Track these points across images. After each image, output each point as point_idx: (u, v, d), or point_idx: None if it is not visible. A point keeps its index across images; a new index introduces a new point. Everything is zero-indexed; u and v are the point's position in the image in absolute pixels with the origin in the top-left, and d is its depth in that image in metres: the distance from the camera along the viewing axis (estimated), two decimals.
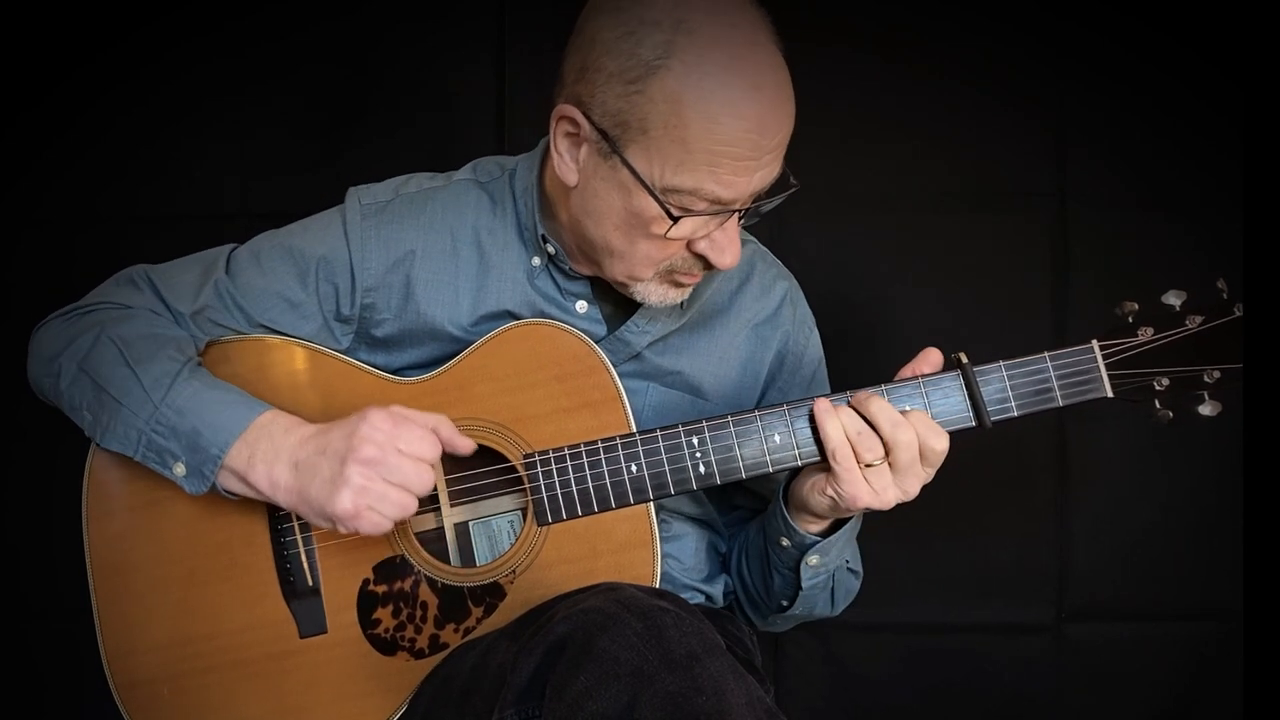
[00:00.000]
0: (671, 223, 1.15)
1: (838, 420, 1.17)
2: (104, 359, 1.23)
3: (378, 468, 1.15)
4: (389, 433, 1.16)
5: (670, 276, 1.24)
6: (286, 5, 1.83)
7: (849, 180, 1.84)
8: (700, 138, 1.11)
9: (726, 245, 1.20)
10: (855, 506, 1.18)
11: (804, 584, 1.31)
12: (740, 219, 1.20)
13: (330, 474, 1.16)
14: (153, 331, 1.26)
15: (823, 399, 1.19)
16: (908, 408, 1.19)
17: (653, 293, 1.25)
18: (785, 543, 1.28)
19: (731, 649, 1.14)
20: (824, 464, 1.20)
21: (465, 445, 1.22)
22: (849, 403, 1.19)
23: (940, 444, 1.17)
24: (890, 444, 1.16)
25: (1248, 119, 1.24)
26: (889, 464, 1.17)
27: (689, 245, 1.20)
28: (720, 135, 1.10)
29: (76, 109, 1.82)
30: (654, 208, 1.15)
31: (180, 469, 1.20)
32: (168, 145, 1.84)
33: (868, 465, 1.16)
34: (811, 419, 1.20)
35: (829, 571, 1.33)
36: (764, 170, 1.15)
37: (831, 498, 1.19)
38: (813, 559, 1.28)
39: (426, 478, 1.17)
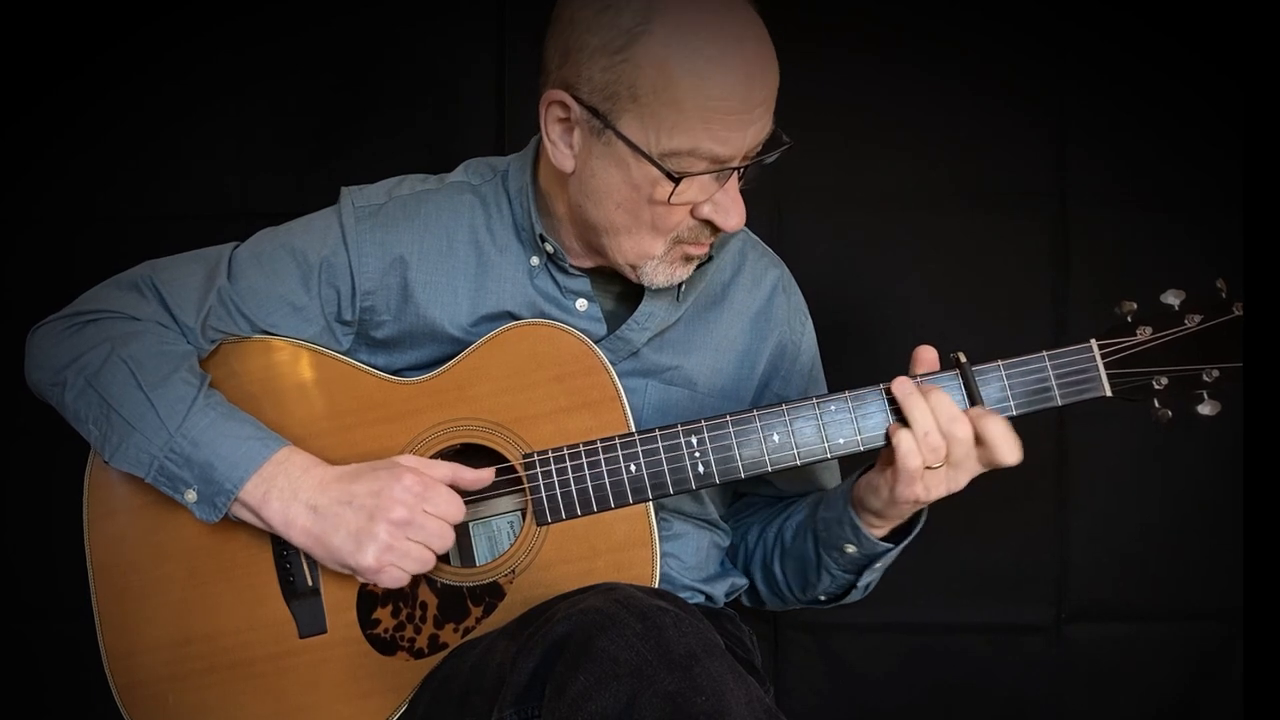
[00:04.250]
0: (673, 185, 1.15)
1: (913, 435, 1.16)
2: (115, 378, 1.23)
3: (406, 528, 1.19)
4: (419, 495, 1.20)
5: (680, 249, 1.24)
6: (286, 5, 1.83)
7: (849, 180, 1.84)
8: (691, 96, 1.11)
9: (730, 206, 1.20)
10: (907, 500, 1.18)
11: (860, 583, 1.33)
12: (740, 177, 1.20)
13: (356, 527, 1.19)
14: (162, 349, 1.27)
15: (902, 390, 1.18)
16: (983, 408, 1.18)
17: (661, 273, 1.25)
18: (852, 549, 1.28)
19: (731, 649, 1.14)
20: (873, 463, 1.23)
21: (485, 477, 1.25)
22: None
23: (1012, 458, 1.16)
24: (946, 437, 1.15)
25: (1248, 119, 1.24)
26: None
27: (693, 212, 1.21)
28: (710, 90, 1.11)
29: (76, 109, 1.82)
30: (654, 174, 1.15)
31: (192, 496, 1.22)
32: (168, 145, 1.83)
33: (928, 467, 1.16)
34: (888, 407, 1.20)
35: (880, 571, 1.34)
36: (757, 125, 1.16)
37: (886, 494, 1.19)
38: (878, 563, 1.30)
39: (449, 538, 1.22)
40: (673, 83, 1.11)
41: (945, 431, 1.15)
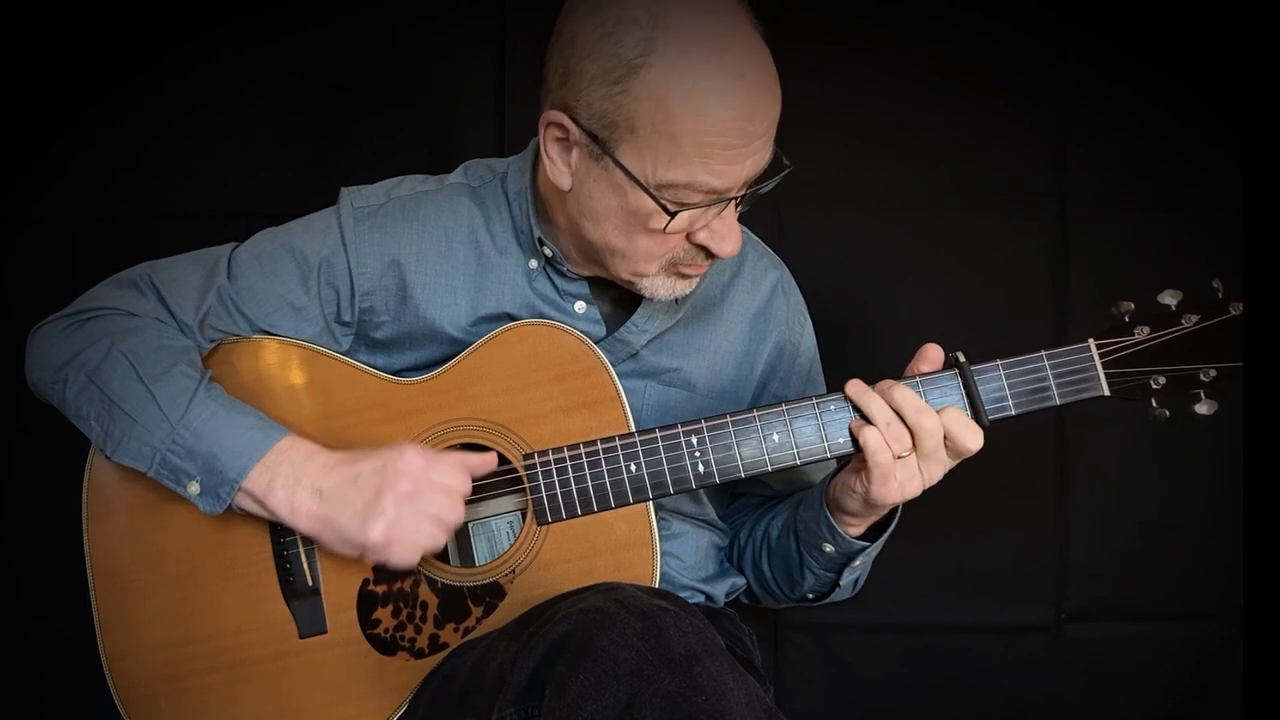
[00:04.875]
0: (669, 218, 1.15)
1: (876, 429, 1.17)
2: (115, 373, 1.23)
3: (413, 501, 1.18)
4: (423, 467, 1.19)
5: (675, 269, 1.24)
6: (286, 5, 1.83)
7: (849, 180, 1.84)
8: (689, 131, 1.11)
9: (726, 233, 1.20)
10: (884, 502, 1.19)
11: (842, 581, 1.33)
12: (737, 206, 1.20)
13: (363, 505, 1.19)
14: (162, 344, 1.26)
15: (855, 389, 1.19)
16: (945, 404, 1.19)
17: (660, 287, 1.25)
18: (829, 549, 1.29)
19: (731, 649, 1.14)
20: (848, 462, 1.23)
21: (490, 461, 1.25)
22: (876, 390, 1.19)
23: (975, 443, 1.17)
24: (915, 429, 1.16)
25: (1248, 119, 1.24)
26: (914, 451, 1.17)
27: (689, 237, 1.21)
28: (709, 126, 1.11)
29: (77, 109, 1.82)
30: (650, 205, 1.15)
31: (195, 488, 1.21)
32: (168, 145, 1.83)
33: (897, 457, 1.17)
34: (843, 411, 1.21)
35: (865, 568, 1.35)
36: (755, 157, 1.15)
37: (861, 495, 1.20)
38: (856, 561, 1.30)
39: (459, 511, 1.21)
40: (671, 117, 1.11)
41: (912, 423, 1.16)
